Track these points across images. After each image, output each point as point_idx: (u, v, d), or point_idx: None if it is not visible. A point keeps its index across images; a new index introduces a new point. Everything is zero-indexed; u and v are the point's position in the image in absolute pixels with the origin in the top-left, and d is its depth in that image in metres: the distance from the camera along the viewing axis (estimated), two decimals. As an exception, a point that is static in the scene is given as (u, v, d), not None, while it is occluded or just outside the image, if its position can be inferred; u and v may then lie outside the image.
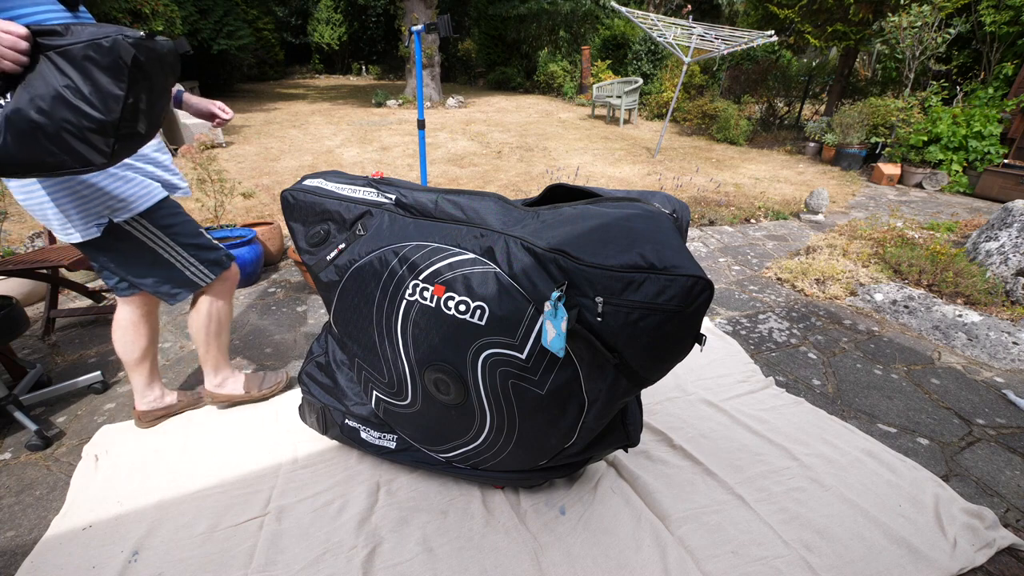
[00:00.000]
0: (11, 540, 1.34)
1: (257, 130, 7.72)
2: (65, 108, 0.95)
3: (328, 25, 18.50)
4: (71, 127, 0.97)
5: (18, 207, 4.02)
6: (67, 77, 0.94)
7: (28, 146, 0.97)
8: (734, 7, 14.25)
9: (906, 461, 1.64)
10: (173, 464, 1.58)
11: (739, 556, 1.30)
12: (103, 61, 0.94)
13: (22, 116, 0.94)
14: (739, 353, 2.27)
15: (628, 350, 0.98)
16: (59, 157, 0.99)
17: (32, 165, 1.01)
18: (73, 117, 0.96)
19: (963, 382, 2.13)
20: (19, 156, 0.98)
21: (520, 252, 1.04)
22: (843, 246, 3.50)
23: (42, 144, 0.97)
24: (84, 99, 0.95)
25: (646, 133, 8.47)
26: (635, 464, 1.59)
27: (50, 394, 1.82)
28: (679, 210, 1.17)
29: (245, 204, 4.18)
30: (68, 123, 0.96)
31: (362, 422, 1.46)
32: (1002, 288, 2.88)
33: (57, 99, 0.94)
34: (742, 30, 6.53)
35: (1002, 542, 1.35)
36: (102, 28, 0.96)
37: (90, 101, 0.96)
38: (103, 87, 0.96)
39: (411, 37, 7.49)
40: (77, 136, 0.98)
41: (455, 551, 1.30)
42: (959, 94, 6.12)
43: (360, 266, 1.20)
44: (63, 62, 0.94)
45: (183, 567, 1.25)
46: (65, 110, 0.95)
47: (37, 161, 0.99)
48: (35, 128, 0.95)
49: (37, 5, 1.12)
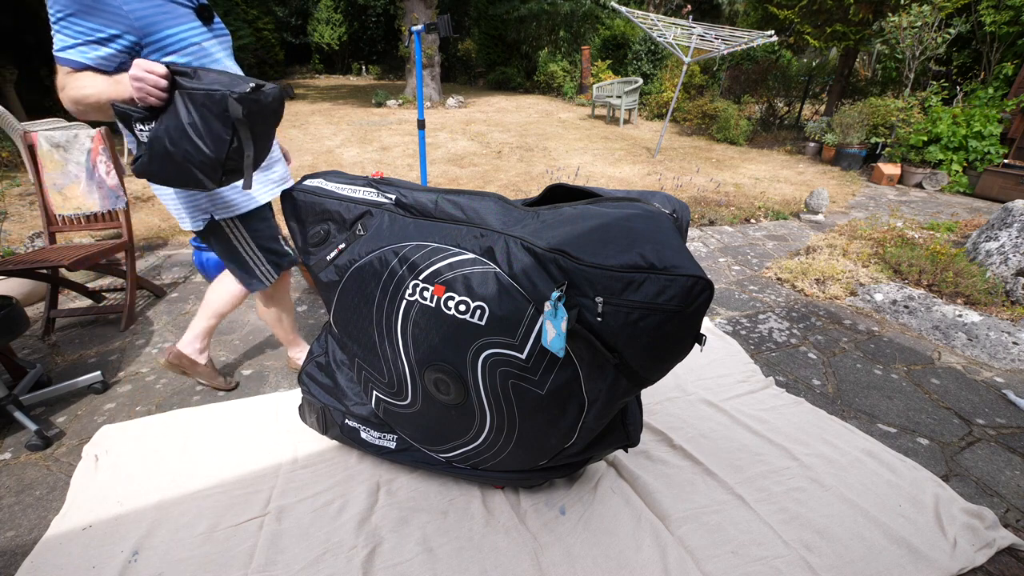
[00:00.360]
0: (11, 540, 1.34)
1: (257, 130, 7.71)
2: (187, 141, 1.13)
3: (328, 25, 18.49)
4: (191, 157, 1.14)
5: (18, 207, 4.03)
6: (191, 115, 1.12)
7: (161, 166, 1.17)
8: (734, 7, 14.25)
9: (906, 461, 1.64)
10: (173, 464, 1.58)
11: (739, 556, 1.30)
12: (214, 109, 1.11)
13: (159, 142, 1.14)
14: (739, 353, 2.27)
15: (628, 350, 0.98)
16: (184, 177, 1.19)
17: (164, 179, 1.22)
18: (192, 150, 1.14)
19: (963, 382, 2.13)
20: (155, 172, 1.19)
21: (520, 252, 1.04)
22: (843, 246, 3.50)
23: (170, 167, 1.17)
24: (200, 137, 1.12)
25: (646, 133, 8.47)
26: (635, 464, 1.59)
27: (50, 394, 1.82)
28: (679, 210, 1.17)
29: (245, 204, 4.18)
30: (189, 154, 1.14)
31: (362, 422, 1.46)
32: (1002, 288, 2.88)
33: (183, 133, 1.12)
34: (742, 30, 6.53)
35: (1002, 542, 1.35)
36: (220, 77, 1.12)
37: (204, 140, 1.13)
38: (214, 130, 1.12)
39: (411, 37, 7.48)
40: (195, 165, 1.16)
41: (455, 551, 1.30)
42: (959, 94, 6.12)
43: (360, 266, 1.20)
44: (189, 102, 1.11)
45: (183, 567, 1.25)
46: (187, 143, 1.13)
47: (167, 177, 1.21)
48: (166, 154, 1.15)
49: (180, 25, 1.30)
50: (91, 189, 2.44)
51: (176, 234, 3.66)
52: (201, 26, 1.36)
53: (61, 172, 2.42)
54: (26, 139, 2.39)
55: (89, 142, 2.41)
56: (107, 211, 2.48)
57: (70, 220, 2.46)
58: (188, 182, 1.20)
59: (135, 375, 2.06)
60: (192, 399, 1.92)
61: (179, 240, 3.58)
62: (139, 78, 1.09)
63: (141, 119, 1.15)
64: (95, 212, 2.47)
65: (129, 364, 2.13)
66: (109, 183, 2.44)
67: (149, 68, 1.09)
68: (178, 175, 1.19)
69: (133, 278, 2.49)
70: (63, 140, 2.39)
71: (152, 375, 2.06)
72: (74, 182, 2.43)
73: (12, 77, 6.71)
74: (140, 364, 2.13)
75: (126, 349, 2.24)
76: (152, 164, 1.18)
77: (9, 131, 4.24)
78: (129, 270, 2.47)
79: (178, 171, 1.17)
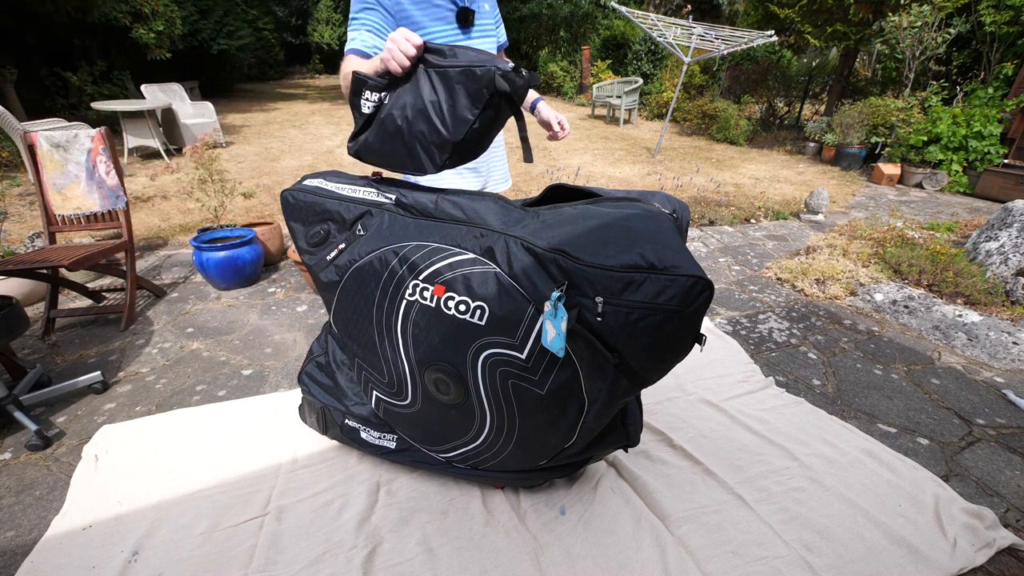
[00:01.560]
0: (11, 540, 1.34)
1: (257, 130, 7.72)
2: (423, 121, 1.09)
3: (328, 25, 18.49)
4: (422, 138, 1.11)
5: (18, 207, 4.02)
6: (436, 94, 1.07)
7: (386, 144, 1.15)
8: (734, 7, 14.24)
9: (906, 461, 1.64)
10: (173, 464, 1.58)
11: (739, 556, 1.30)
12: (470, 87, 1.05)
13: (391, 119, 1.11)
14: (739, 353, 2.27)
15: (628, 350, 0.98)
16: (403, 159, 1.17)
17: (382, 159, 1.20)
18: (427, 130, 1.10)
19: (963, 382, 2.13)
20: (377, 150, 1.18)
21: (520, 252, 1.04)
22: (843, 246, 3.50)
23: (396, 145, 1.14)
24: (440, 116, 1.08)
25: (646, 133, 8.46)
26: (635, 464, 1.59)
27: (50, 394, 1.82)
28: (679, 210, 1.17)
29: (245, 204, 4.18)
30: (421, 134, 1.11)
31: (362, 422, 1.46)
32: (1002, 288, 2.88)
33: (421, 112, 1.09)
34: (742, 30, 6.53)
35: (1002, 542, 1.35)
36: (479, 55, 1.07)
37: (444, 120, 1.08)
38: (459, 110, 1.07)
39: (411, 37, 7.45)
40: (423, 146, 1.12)
41: (455, 551, 1.30)
42: (959, 94, 6.12)
43: (360, 266, 1.20)
44: (437, 80, 1.07)
45: (183, 567, 1.25)
46: (423, 123, 1.09)
47: (387, 157, 1.19)
48: (397, 131, 1.12)
49: (434, 25, 1.32)
50: (91, 189, 2.45)
51: (176, 234, 3.66)
52: (456, 29, 1.36)
53: (61, 172, 2.42)
54: (26, 139, 2.40)
55: (89, 142, 2.42)
56: (107, 211, 2.48)
57: (70, 220, 2.46)
58: (405, 164, 1.18)
59: (135, 375, 2.06)
60: (192, 399, 1.92)
61: (179, 240, 3.58)
62: (393, 39, 1.07)
63: (374, 87, 1.13)
64: (95, 212, 2.47)
65: (129, 364, 2.13)
66: (109, 183, 2.44)
67: (407, 35, 1.07)
68: (401, 155, 1.16)
69: (133, 278, 2.49)
70: (63, 140, 2.39)
71: (152, 375, 2.06)
72: (74, 182, 2.43)
73: (12, 77, 6.71)
74: (140, 364, 2.13)
75: (126, 349, 2.24)
76: (376, 142, 1.16)
77: (9, 131, 4.24)
78: (129, 270, 2.47)
79: (401, 151, 1.15)
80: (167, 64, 8.46)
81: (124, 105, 5.43)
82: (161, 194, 4.52)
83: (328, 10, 18.33)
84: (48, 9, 6.75)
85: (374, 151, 1.19)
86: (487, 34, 1.45)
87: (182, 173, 5.04)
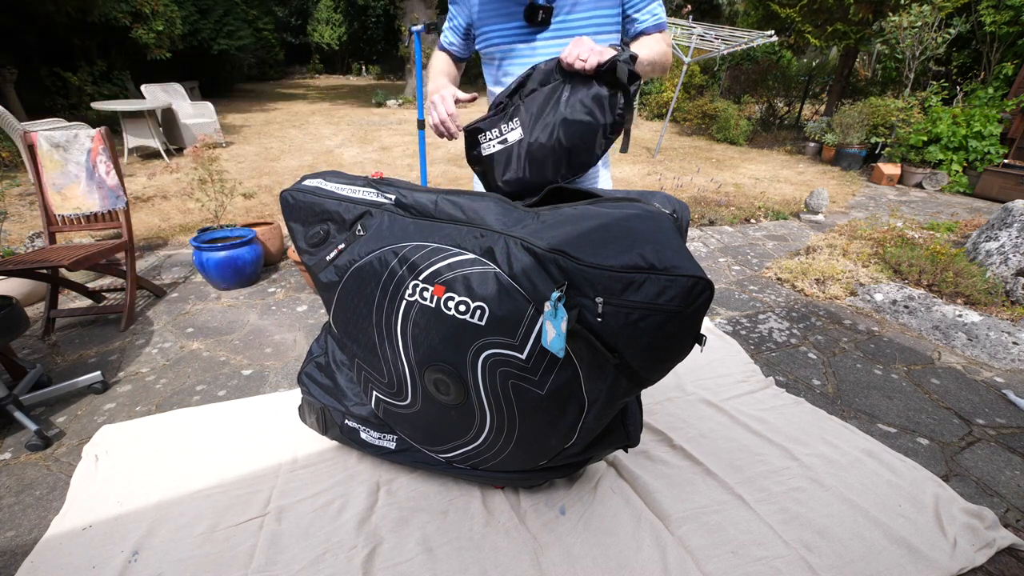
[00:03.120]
0: (11, 540, 1.34)
1: (257, 130, 7.72)
2: (608, 112, 1.12)
3: (328, 25, 18.50)
4: (592, 124, 1.13)
5: (18, 207, 4.02)
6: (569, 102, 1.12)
7: (580, 138, 1.15)
8: (734, 7, 14.23)
9: (906, 461, 1.64)
10: (173, 464, 1.58)
11: (739, 556, 1.30)
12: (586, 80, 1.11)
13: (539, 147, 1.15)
14: (739, 353, 2.27)
15: (628, 350, 0.98)
16: (594, 154, 1.18)
17: (571, 157, 1.18)
18: (609, 119, 1.13)
19: (963, 382, 2.13)
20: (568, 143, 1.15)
21: (520, 252, 1.04)
22: (843, 246, 3.50)
23: (589, 139, 1.15)
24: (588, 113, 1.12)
25: (646, 133, 8.46)
26: (635, 464, 1.59)
27: (50, 394, 1.82)
28: (679, 210, 1.17)
29: (245, 204, 4.18)
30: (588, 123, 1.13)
31: (362, 422, 1.46)
32: (1002, 288, 2.88)
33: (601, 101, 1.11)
34: (742, 30, 6.53)
35: (1002, 542, 1.35)
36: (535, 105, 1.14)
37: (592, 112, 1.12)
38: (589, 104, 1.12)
39: (411, 37, 7.47)
40: (604, 137, 1.16)
41: (455, 551, 1.30)
42: (959, 94, 6.12)
43: (360, 266, 1.20)
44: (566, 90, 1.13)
45: (183, 567, 1.25)
46: (609, 113, 1.12)
47: (580, 151, 1.17)
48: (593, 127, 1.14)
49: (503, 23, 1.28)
50: (91, 189, 2.44)
51: (176, 234, 3.66)
52: (524, 27, 1.25)
53: (61, 172, 2.42)
54: (26, 139, 2.40)
55: (89, 142, 2.42)
56: (107, 211, 2.48)
57: (70, 220, 2.46)
58: (594, 158, 1.18)
59: (135, 375, 2.06)
60: (192, 399, 1.92)
61: (179, 240, 3.58)
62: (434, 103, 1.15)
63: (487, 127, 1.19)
64: (95, 212, 2.47)
65: (129, 364, 2.13)
66: (109, 183, 2.44)
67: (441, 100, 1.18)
68: (596, 150, 1.17)
69: (133, 278, 2.49)
70: (63, 140, 2.39)
71: (152, 375, 2.06)
72: (74, 182, 2.43)
73: (12, 77, 6.71)
74: (140, 364, 2.13)
75: (126, 349, 2.24)
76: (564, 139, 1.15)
77: (9, 131, 4.24)
78: (129, 270, 2.47)
79: (596, 144, 1.16)
80: (167, 64, 8.46)
81: (124, 105, 5.43)
82: (161, 194, 4.53)
83: (328, 10, 18.34)
84: (48, 9, 6.75)
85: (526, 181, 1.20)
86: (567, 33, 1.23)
87: (182, 173, 5.04)
